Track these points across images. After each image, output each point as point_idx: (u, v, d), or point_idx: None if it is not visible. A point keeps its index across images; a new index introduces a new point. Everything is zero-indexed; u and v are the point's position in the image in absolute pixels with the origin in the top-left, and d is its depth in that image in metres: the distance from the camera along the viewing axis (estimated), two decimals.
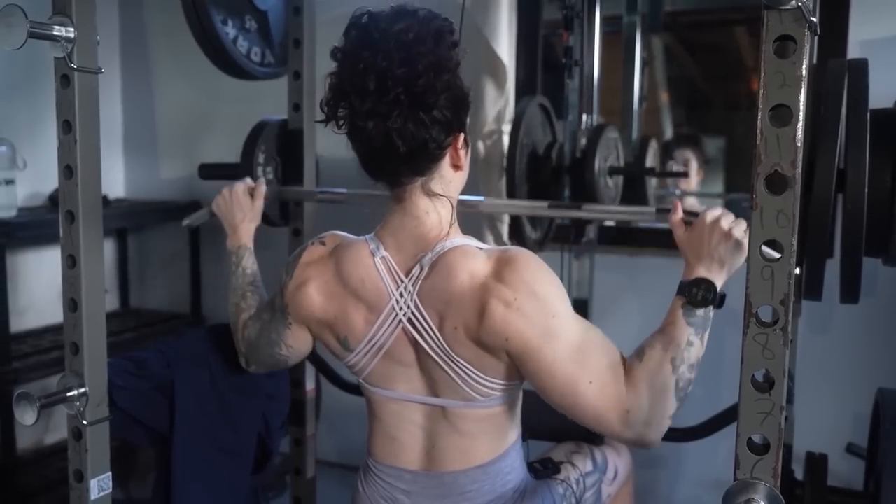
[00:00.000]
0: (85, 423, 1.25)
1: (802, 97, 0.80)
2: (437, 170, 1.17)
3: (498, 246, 1.20)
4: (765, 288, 0.83)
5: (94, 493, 1.28)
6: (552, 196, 2.08)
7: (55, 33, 1.17)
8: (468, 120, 1.18)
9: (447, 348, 1.15)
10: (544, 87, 2.60)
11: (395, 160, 1.11)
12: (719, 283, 1.17)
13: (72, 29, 1.18)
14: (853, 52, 2.07)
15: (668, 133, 3.43)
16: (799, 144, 0.81)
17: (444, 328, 1.14)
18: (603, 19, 2.41)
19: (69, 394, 1.24)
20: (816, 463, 1.54)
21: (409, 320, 1.17)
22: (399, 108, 1.06)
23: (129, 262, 3.16)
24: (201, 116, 3.05)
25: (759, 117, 0.81)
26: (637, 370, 1.12)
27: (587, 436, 1.52)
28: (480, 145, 2.34)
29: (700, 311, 1.13)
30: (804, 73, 0.79)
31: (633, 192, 2.37)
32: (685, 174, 2.90)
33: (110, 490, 1.30)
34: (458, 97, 1.13)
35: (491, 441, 1.24)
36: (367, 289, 1.19)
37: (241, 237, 1.57)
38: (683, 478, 2.34)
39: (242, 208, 1.59)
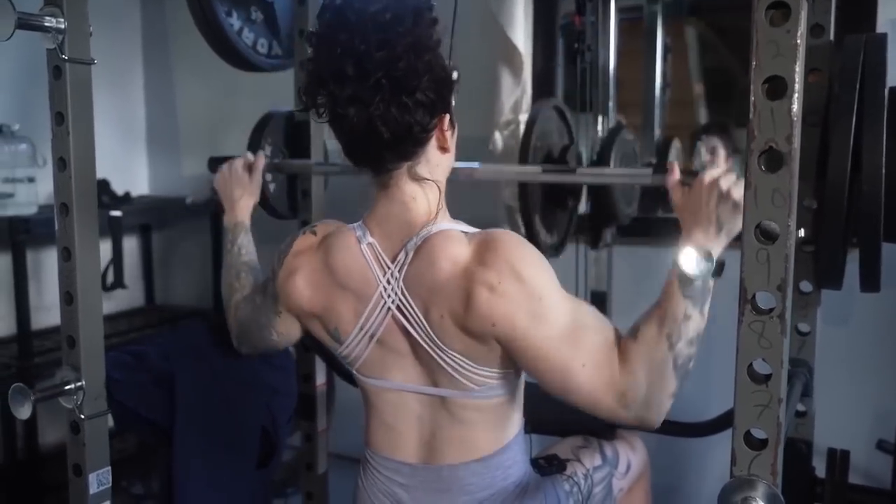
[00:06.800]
0: (83, 416, 1.25)
1: (798, 68, 0.75)
2: (424, 153, 1.13)
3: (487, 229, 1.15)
4: (761, 272, 0.78)
5: (93, 488, 1.27)
6: (571, 197, 2.04)
7: (46, 24, 1.17)
8: (453, 100, 1.14)
9: (435, 338, 1.11)
10: (564, 77, 2.54)
11: (380, 146, 1.08)
12: (718, 250, 1.11)
13: (62, 20, 1.17)
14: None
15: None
16: (795, 118, 0.76)
17: (430, 317, 1.11)
18: (623, 7, 2.34)
19: (66, 387, 1.24)
20: (838, 459, 1.47)
21: (398, 307, 1.14)
22: (380, 94, 1.02)
23: (154, 258, 3.19)
24: (223, 112, 3.05)
25: (752, 90, 0.77)
26: (632, 349, 1.06)
27: (596, 429, 1.47)
28: (497, 136, 2.30)
29: (697, 283, 1.06)
30: (799, 41, 0.74)
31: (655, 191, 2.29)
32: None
33: (110, 484, 1.29)
34: (440, 77, 1.08)
35: (492, 432, 1.20)
36: (353, 278, 1.16)
37: (238, 214, 1.56)
38: (710, 474, 2.27)
39: (241, 184, 1.58)
